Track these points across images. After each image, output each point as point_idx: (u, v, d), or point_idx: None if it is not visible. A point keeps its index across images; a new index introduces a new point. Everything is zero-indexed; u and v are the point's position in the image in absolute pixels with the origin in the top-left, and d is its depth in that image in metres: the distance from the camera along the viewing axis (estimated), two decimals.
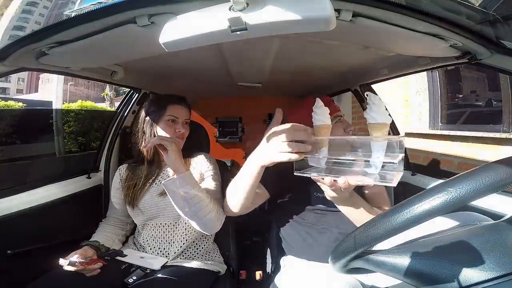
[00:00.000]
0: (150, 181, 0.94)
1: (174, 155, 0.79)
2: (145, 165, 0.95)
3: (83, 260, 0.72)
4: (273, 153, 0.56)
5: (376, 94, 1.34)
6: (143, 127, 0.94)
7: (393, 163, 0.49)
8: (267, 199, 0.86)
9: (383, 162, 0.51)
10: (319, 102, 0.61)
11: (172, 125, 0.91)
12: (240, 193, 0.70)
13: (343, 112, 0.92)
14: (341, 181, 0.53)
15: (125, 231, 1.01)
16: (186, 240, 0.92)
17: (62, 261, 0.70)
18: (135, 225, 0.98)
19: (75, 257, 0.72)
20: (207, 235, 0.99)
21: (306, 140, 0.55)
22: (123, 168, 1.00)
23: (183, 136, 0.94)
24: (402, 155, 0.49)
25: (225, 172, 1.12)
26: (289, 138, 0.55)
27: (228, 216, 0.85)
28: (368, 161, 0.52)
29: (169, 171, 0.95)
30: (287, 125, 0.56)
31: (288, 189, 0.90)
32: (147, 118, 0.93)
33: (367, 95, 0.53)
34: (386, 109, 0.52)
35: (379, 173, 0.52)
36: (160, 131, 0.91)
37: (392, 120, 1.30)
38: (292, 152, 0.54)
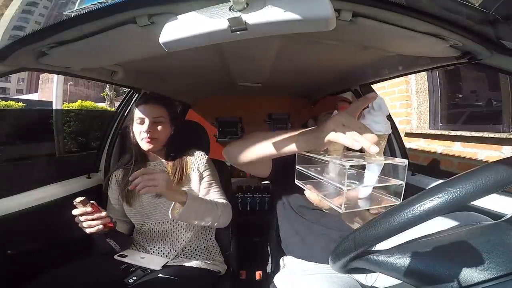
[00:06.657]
0: None
1: (167, 194, 0.75)
2: (132, 165, 0.96)
3: (95, 205, 0.73)
4: (331, 130, 0.46)
5: (375, 92, 1.34)
6: (132, 129, 0.96)
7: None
8: (268, 199, 0.86)
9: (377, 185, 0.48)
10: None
11: (141, 127, 0.91)
12: (259, 152, 0.63)
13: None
14: (326, 204, 0.51)
15: (125, 230, 1.01)
16: (186, 237, 0.92)
17: (78, 199, 0.71)
18: (134, 226, 0.98)
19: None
20: (207, 232, 1.01)
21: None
22: (118, 171, 1.01)
23: (152, 137, 0.90)
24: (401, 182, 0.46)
25: (225, 172, 1.12)
26: (356, 128, 0.44)
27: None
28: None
29: (156, 167, 0.98)
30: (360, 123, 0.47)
31: (290, 185, 0.90)
32: (129, 123, 0.96)
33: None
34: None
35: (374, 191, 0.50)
36: (135, 136, 0.93)
37: (392, 120, 1.31)
38: (348, 139, 0.44)
